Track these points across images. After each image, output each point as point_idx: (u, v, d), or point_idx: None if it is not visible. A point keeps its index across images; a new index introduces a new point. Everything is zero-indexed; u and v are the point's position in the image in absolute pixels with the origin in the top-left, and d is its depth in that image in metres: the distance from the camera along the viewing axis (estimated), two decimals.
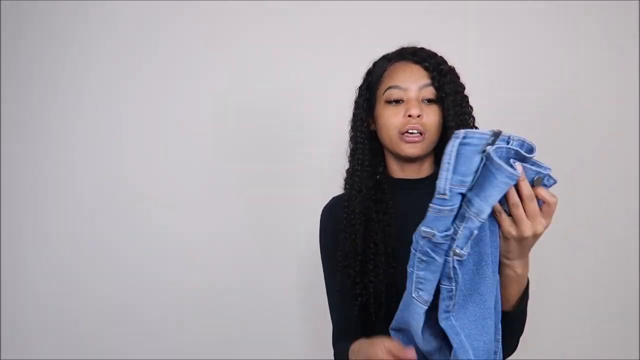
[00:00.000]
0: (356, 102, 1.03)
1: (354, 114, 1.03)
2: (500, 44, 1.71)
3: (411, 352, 0.75)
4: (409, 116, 0.92)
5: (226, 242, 1.64)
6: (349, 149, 1.04)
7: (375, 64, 1.02)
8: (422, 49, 0.98)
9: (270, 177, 1.66)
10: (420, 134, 0.93)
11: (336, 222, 1.00)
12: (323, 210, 1.05)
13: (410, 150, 0.94)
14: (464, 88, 0.98)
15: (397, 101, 0.94)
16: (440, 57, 0.97)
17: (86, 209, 1.62)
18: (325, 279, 1.03)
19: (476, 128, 0.99)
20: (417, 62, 0.95)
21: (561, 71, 1.73)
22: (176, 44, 1.64)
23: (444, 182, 0.68)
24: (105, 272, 1.61)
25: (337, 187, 1.07)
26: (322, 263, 1.04)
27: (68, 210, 1.61)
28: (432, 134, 0.94)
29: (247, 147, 1.66)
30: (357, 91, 1.04)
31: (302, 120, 1.66)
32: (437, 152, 0.99)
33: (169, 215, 1.64)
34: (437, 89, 0.93)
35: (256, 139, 1.66)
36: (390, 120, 0.94)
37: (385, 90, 0.95)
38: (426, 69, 0.94)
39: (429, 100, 0.94)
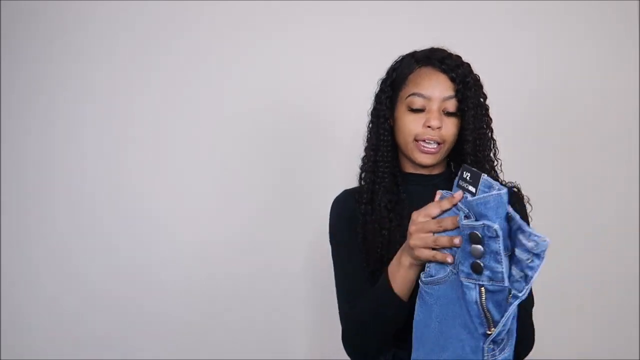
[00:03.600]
0: (378, 97, 1.02)
1: (376, 109, 1.02)
2: (500, 44, 1.71)
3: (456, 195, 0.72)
4: (429, 126, 0.92)
5: (239, 236, 1.65)
6: (367, 142, 1.04)
7: (402, 61, 1.00)
8: (450, 55, 0.97)
9: (285, 172, 1.66)
10: (438, 144, 0.94)
11: (350, 212, 1.01)
12: (336, 200, 1.06)
13: (425, 159, 0.94)
14: (486, 98, 0.98)
15: (418, 110, 0.94)
16: (467, 65, 0.97)
17: (90, 207, 1.61)
18: (336, 262, 1.02)
19: (494, 140, 0.99)
20: (444, 72, 0.94)
21: (561, 71, 1.73)
22: (190, 46, 1.64)
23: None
24: (107, 272, 1.61)
25: (353, 181, 1.08)
26: (334, 248, 1.03)
27: (70, 210, 1.61)
28: (448, 144, 0.95)
29: (262, 144, 1.66)
30: (380, 85, 1.02)
31: (319, 116, 1.66)
32: (449, 156, 1.00)
33: (178, 209, 1.63)
34: (459, 101, 0.93)
35: (271, 137, 1.66)
36: (409, 126, 0.94)
37: (408, 96, 0.94)
38: (452, 80, 0.93)
39: (449, 113, 0.94)
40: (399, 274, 0.83)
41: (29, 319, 1.59)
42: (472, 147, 0.94)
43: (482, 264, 0.62)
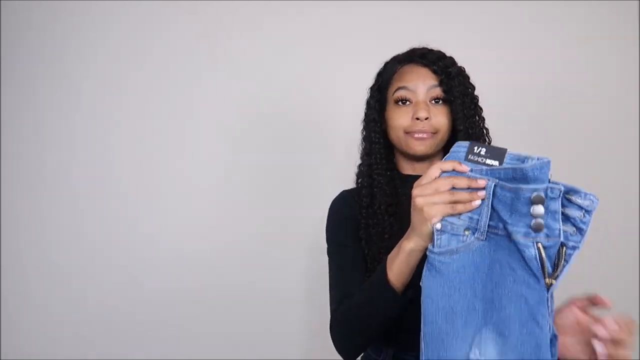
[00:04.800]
0: (368, 103, 1.05)
1: (367, 114, 1.04)
2: (501, 44, 1.71)
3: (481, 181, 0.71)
4: (417, 119, 0.93)
5: (236, 240, 1.65)
6: (362, 148, 1.05)
7: (385, 66, 1.03)
8: (431, 51, 0.99)
9: (282, 175, 1.67)
10: (431, 133, 0.94)
11: (349, 212, 1.01)
12: (334, 200, 1.06)
13: (419, 147, 0.95)
14: (474, 88, 0.99)
15: (405, 101, 0.95)
16: (450, 58, 0.98)
17: (86, 211, 1.62)
18: (332, 260, 1.01)
19: (486, 129, 1.00)
20: (425, 65, 0.96)
21: (561, 71, 1.73)
22: (185, 45, 1.64)
23: None
24: (105, 273, 1.61)
25: (351, 185, 1.08)
26: (330, 245, 1.02)
27: (69, 211, 1.61)
28: (442, 134, 0.95)
29: (259, 149, 1.66)
30: (369, 92, 1.05)
31: (318, 116, 1.67)
32: (446, 151, 0.99)
33: (175, 215, 1.64)
34: (445, 91, 0.94)
35: (269, 141, 1.67)
36: (399, 121, 0.95)
37: (395, 92, 0.97)
38: (434, 72, 0.95)
39: (437, 101, 0.95)
40: (397, 261, 0.78)
41: (29, 319, 1.59)
42: (464, 136, 0.95)
43: (543, 223, 0.67)
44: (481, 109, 1.00)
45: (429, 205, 0.71)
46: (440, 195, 0.71)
